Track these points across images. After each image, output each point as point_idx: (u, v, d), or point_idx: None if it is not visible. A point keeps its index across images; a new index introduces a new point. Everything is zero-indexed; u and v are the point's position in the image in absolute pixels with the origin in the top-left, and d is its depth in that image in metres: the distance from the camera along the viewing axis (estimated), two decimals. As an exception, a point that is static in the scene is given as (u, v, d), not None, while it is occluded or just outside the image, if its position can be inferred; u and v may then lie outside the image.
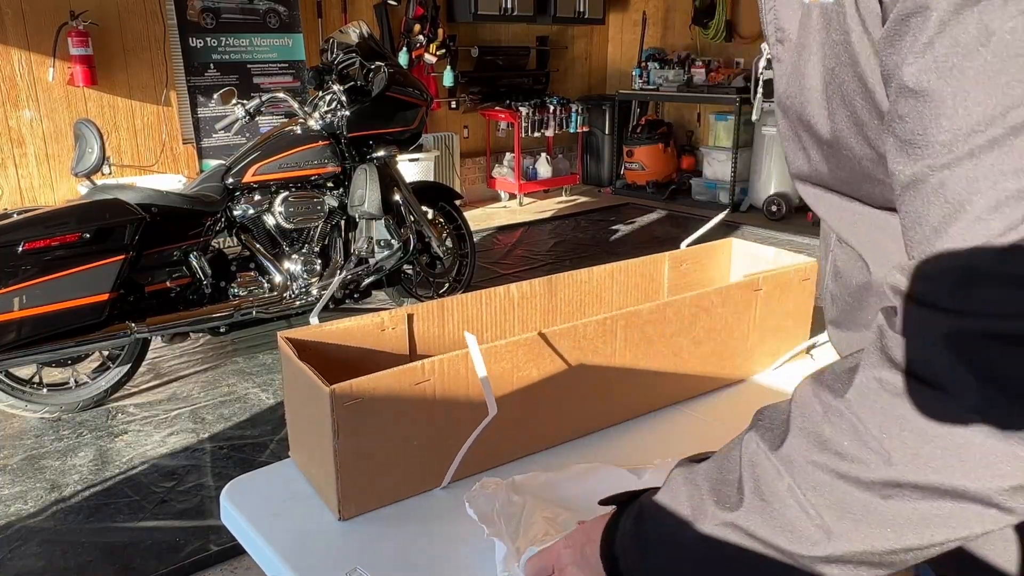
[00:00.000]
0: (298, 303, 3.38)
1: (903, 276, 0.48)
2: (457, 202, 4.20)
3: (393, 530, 0.93)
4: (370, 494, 0.95)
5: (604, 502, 0.70)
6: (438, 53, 6.17)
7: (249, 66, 5.13)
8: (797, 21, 0.59)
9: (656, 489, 0.64)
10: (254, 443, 2.82)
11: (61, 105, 4.60)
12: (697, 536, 0.57)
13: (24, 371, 2.97)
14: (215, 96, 3.40)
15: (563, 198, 7.20)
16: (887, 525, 0.49)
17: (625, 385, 1.11)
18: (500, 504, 0.85)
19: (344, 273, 3.47)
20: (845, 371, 0.52)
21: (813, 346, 1.32)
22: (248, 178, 3.28)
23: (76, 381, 3.04)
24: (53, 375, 3.04)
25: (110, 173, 3.44)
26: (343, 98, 3.42)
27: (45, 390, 2.97)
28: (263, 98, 3.38)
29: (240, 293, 3.29)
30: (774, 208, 6.22)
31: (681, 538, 0.58)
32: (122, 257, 2.82)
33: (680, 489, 0.61)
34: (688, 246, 1.43)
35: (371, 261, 3.56)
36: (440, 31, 6.20)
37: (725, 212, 1.62)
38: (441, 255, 3.99)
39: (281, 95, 3.47)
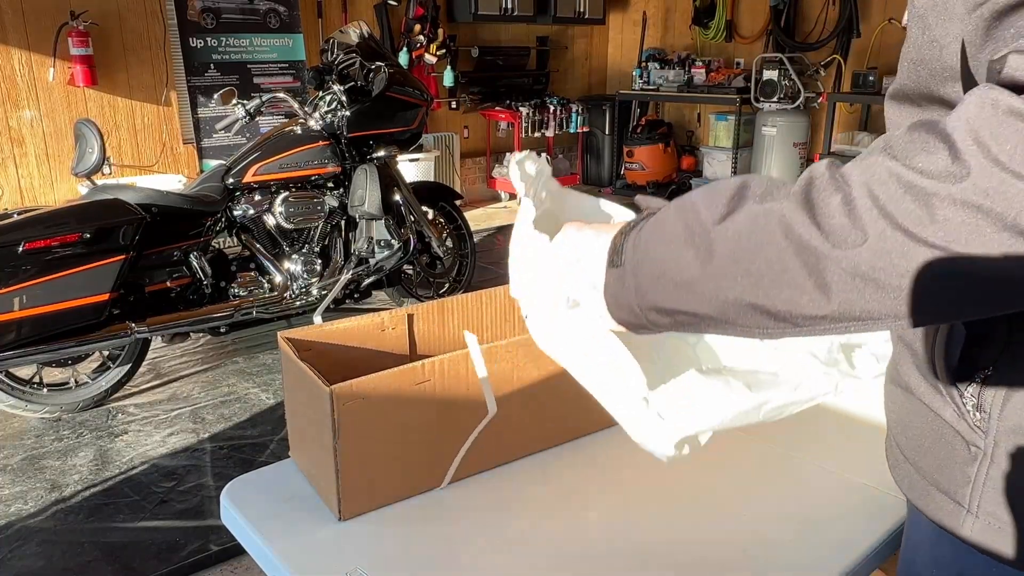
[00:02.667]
0: (298, 303, 3.38)
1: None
2: (457, 202, 4.19)
3: (393, 530, 0.93)
4: (370, 494, 0.95)
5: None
6: (438, 53, 6.16)
7: (249, 66, 5.13)
8: None
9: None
10: (254, 443, 2.82)
11: (61, 105, 4.60)
12: (729, 225, 0.56)
13: (24, 371, 2.96)
14: (215, 96, 3.39)
15: (563, 198, 7.18)
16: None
17: (625, 385, 1.11)
18: (541, 187, 0.80)
19: (347, 274, 3.47)
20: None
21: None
22: (248, 178, 3.28)
23: (76, 381, 3.03)
24: (53, 375, 3.04)
25: (110, 173, 3.44)
26: (343, 98, 3.42)
27: (45, 390, 2.97)
28: (263, 98, 3.37)
29: (240, 293, 3.29)
30: (774, 208, 6.22)
31: (698, 222, 0.57)
32: (122, 257, 2.82)
33: (721, 186, 0.59)
34: None
35: (371, 261, 3.56)
36: (440, 31, 6.20)
37: None
38: (441, 255, 3.99)
39: (281, 95, 3.46)
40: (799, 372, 0.73)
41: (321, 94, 3.49)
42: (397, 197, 3.65)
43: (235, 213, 3.30)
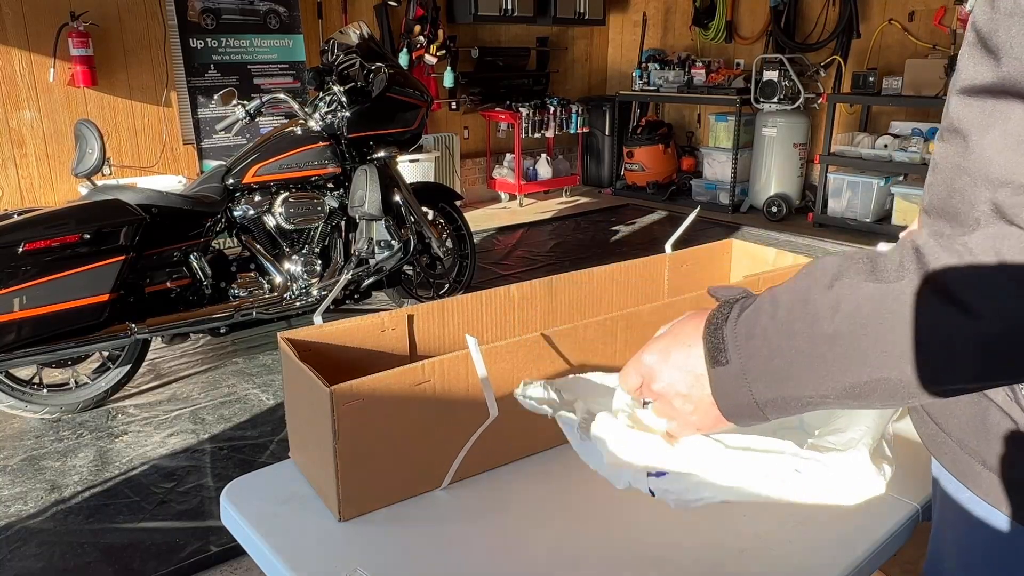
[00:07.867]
0: (298, 304, 3.38)
1: None
2: (457, 203, 4.20)
3: (393, 530, 0.93)
4: (370, 495, 0.95)
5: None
6: (438, 54, 6.17)
7: (249, 67, 5.13)
8: None
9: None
10: (254, 444, 2.82)
11: (61, 106, 4.60)
12: (845, 308, 0.56)
13: (24, 372, 2.96)
14: (215, 97, 3.39)
15: (563, 199, 7.19)
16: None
17: (625, 386, 1.11)
18: (554, 394, 0.84)
19: (348, 274, 3.47)
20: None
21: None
22: (248, 179, 3.28)
23: (76, 382, 3.03)
24: (53, 376, 3.04)
25: (110, 174, 3.44)
26: (343, 99, 3.42)
27: (45, 391, 2.97)
28: (263, 99, 3.37)
29: (240, 294, 3.29)
30: (774, 209, 6.22)
31: (816, 312, 0.57)
32: (122, 258, 2.82)
33: (824, 270, 0.59)
34: (671, 246, 1.42)
35: (371, 262, 3.56)
36: (440, 32, 6.20)
37: (696, 210, 1.60)
38: (441, 256, 3.99)
39: (281, 96, 3.46)
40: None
41: (321, 95, 3.49)
42: (397, 198, 3.65)
43: (235, 214, 3.30)
